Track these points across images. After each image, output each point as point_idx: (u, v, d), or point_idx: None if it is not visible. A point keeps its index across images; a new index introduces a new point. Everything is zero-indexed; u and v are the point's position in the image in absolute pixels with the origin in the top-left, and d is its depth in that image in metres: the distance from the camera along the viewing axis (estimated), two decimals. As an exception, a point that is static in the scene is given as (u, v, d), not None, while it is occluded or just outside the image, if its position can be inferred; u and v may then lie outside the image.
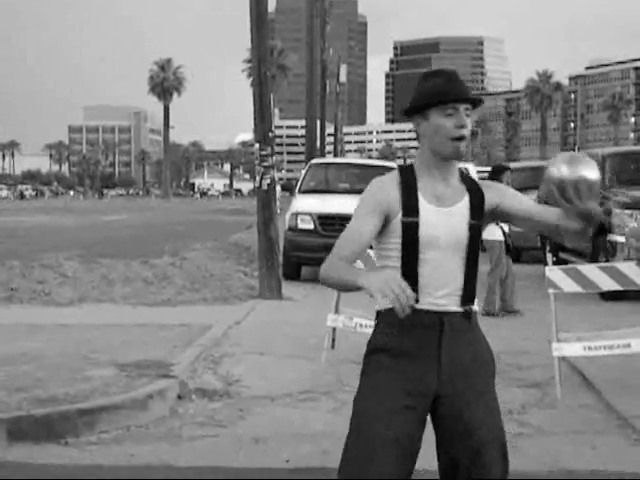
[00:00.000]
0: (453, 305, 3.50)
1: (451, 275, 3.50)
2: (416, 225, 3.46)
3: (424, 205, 3.48)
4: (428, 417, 3.54)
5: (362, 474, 3.37)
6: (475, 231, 3.52)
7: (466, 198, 3.54)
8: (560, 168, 3.49)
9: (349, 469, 3.43)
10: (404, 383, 3.44)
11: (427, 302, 3.47)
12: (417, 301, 3.39)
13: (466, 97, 3.50)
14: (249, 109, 14.69)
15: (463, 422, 3.45)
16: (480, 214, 3.54)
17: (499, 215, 3.64)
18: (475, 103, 3.55)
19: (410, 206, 3.47)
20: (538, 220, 3.60)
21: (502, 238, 12.74)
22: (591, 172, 3.46)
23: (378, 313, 3.60)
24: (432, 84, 3.54)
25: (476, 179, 3.65)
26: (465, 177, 3.63)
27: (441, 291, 3.48)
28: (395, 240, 3.50)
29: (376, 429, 3.42)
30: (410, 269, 3.47)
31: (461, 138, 3.48)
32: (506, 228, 12.72)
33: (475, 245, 3.53)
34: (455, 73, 3.59)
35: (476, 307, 3.59)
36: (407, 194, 3.49)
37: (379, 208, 3.50)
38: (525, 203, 3.63)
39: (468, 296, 3.53)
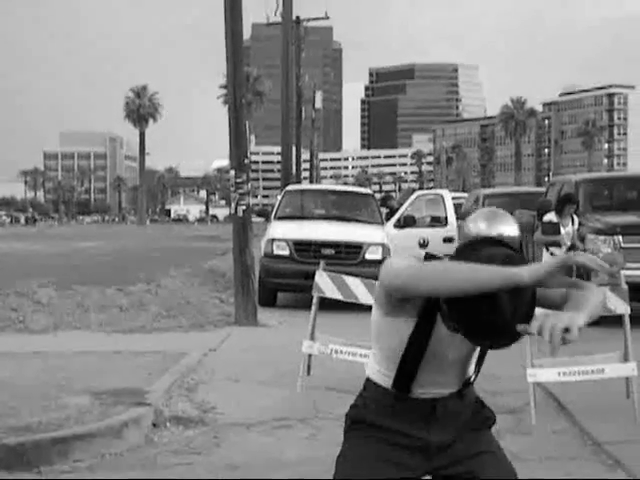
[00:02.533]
0: (448, 391, 3.36)
1: (452, 372, 3.35)
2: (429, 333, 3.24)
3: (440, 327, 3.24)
4: None
5: None
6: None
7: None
8: (478, 225, 3.35)
9: None
10: (391, 456, 3.33)
11: (420, 392, 3.34)
12: (410, 392, 3.30)
13: None
14: (225, 135, 14.72)
15: (470, 475, 3.34)
16: None
17: None
18: None
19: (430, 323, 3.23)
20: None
21: None
22: (510, 228, 3.33)
23: (367, 380, 3.47)
24: None
25: None
26: None
27: (436, 384, 3.34)
28: (407, 323, 3.25)
29: None
30: (409, 366, 3.28)
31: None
32: None
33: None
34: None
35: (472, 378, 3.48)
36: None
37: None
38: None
39: (468, 381, 3.42)
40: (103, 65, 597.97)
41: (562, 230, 12.50)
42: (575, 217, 12.96)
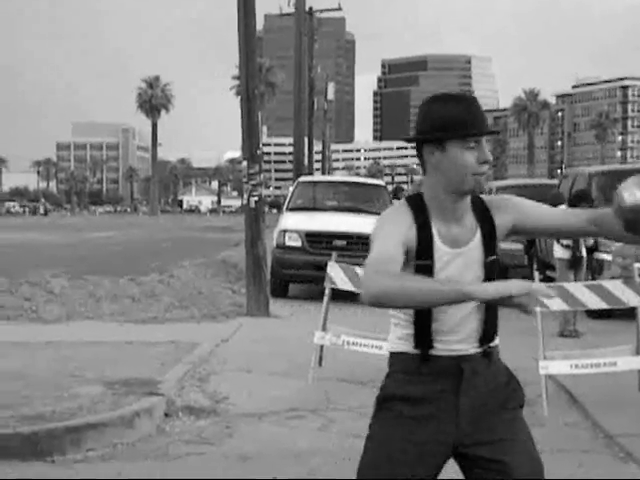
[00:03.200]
0: (471, 348, 3.27)
1: (468, 318, 3.25)
2: (430, 269, 3.19)
3: (439, 246, 3.22)
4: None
5: None
6: (490, 267, 3.27)
7: (478, 234, 3.26)
8: (635, 194, 3.12)
9: None
10: (418, 433, 3.25)
11: (443, 348, 3.24)
12: (432, 347, 3.24)
13: (492, 130, 3.25)
14: (237, 126, 14.73)
15: (497, 463, 3.24)
16: (494, 246, 3.28)
17: (520, 232, 3.38)
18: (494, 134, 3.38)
19: (425, 248, 3.20)
20: (564, 230, 3.36)
21: (566, 255, 12.46)
22: None
23: (391, 356, 3.40)
24: (452, 111, 3.14)
25: (487, 200, 3.34)
26: (476, 203, 3.31)
27: (457, 335, 3.25)
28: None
29: None
30: (424, 314, 3.22)
31: (483, 173, 3.19)
32: (565, 241, 12.29)
33: (490, 254, 3.27)
34: (476, 100, 3.25)
35: (497, 342, 3.38)
36: (422, 234, 3.21)
37: (404, 241, 3.18)
38: (546, 215, 3.33)
39: (488, 336, 3.31)
40: (116, 57, 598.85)
41: None
42: None
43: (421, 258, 3.20)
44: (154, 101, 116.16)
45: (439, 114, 3.16)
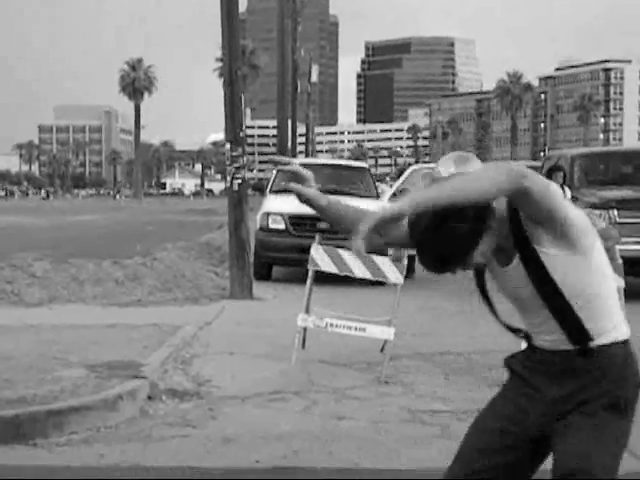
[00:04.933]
0: (561, 340, 3.28)
1: (544, 316, 3.29)
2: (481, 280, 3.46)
3: (488, 272, 3.44)
4: None
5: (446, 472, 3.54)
6: (541, 282, 3.21)
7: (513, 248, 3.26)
8: (449, 168, 3.47)
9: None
10: (516, 408, 3.39)
11: (538, 341, 3.37)
12: (529, 337, 3.42)
13: None
14: (220, 109, 14.67)
15: (556, 453, 3.27)
16: (535, 259, 3.19)
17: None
18: None
19: (478, 273, 3.47)
20: None
21: None
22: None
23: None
24: None
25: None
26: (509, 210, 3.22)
27: (546, 335, 3.33)
28: None
29: (470, 439, 3.47)
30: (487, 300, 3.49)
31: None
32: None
33: (550, 295, 3.21)
34: None
35: (600, 341, 3.25)
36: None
37: None
38: None
39: (575, 333, 3.25)
40: (98, 38, 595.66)
41: None
42: (567, 189, 12.96)
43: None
44: (137, 84, 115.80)
45: None
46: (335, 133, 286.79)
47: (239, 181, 14.43)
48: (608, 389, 3.25)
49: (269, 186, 18.93)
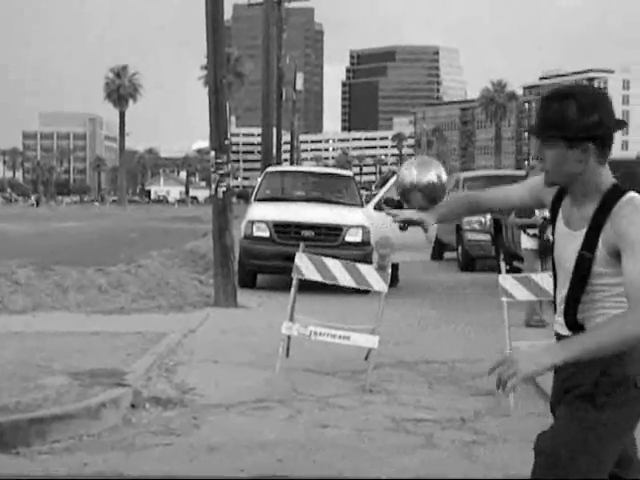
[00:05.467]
0: (562, 327, 3.59)
1: (562, 298, 3.57)
2: (552, 243, 3.64)
3: (559, 222, 3.58)
4: None
5: None
6: (583, 262, 3.40)
7: (586, 226, 3.42)
8: (412, 172, 3.66)
9: None
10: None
11: (556, 325, 3.66)
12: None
13: (530, 129, 3.59)
14: (205, 116, 14.66)
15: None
16: (593, 246, 3.37)
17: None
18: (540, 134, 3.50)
19: (552, 220, 3.63)
20: None
21: (534, 245, 12.55)
22: (440, 175, 3.70)
23: None
24: None
25: (620, 205, 3.35)
26: (607, 201, 3.39)
27: (558, 313, 3.63)
28: None
29: None
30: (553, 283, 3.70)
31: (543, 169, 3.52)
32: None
33: (581, 275, 3.42)
34: (546, 100, 3.50)
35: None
36: (555, 205, 3.61)
37: (535, 191, 3.74)
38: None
39: (572, 321, 3.52)
40: (83, 45, 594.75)
41: (536, 212, 12.50)
42: None
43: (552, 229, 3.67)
44: (122, 91, 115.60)
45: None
46: (320, 141, 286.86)
47: (224, 189, 14.42)
48: (586, 380, 3.42)
49: (254, 194, 18.92)
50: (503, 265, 8.77)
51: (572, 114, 3.31)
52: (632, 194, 3.34)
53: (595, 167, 3.39)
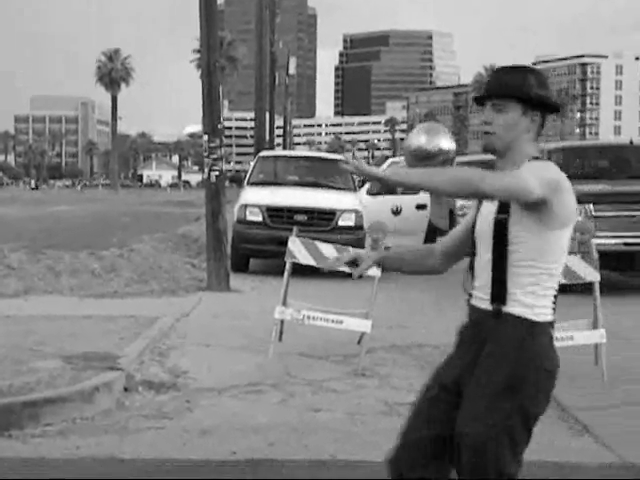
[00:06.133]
0: (483, 300, 3.61)
1: (483, 272, 3.61)
2: (475, 214, 3.70)
3: (482, 207, 3.67)
4: None
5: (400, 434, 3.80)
6: (500, 226, 3.52)
7: None
8: (420, 138, 3.64)
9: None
10: (449, 366, 3.76)
11: (473, 298, 3.69)
12: (470, 295, 3.70)
13: (477, 96, 3.67)
14: (198, 100, 14.63)
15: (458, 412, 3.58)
16: (506, 207, 3.50)
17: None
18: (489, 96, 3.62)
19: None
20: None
21: None
22: (447, 142, 3.69)
23: None
24: None
25: (540, 165, 3.51)
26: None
27: (477, 283, 3.66)
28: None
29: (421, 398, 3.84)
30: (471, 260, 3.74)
31: (485, 133, 3.61)
32: None
33: (501, 240, 3.52)
34: (501, 69, 3.70)
35: (515, 309, 3.54)
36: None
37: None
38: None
39: (497, 294, 3.56)
40: (75, 28, 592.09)
41: None
42: None
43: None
44: (114, 74, 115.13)
45: None
46: (313, 125, 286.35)
47: (216, 173, 14.40)
48: (505, 362, 3.50)
49: (246, 178, 18.90)
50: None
51: (532, 81, 3.55)
52: (547, 162, 3.53)
53: (532, 139, 3.61)
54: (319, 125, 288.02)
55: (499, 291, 3.53)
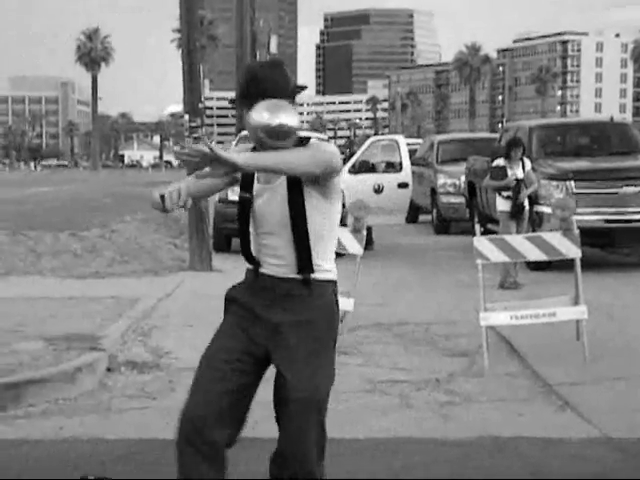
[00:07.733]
0: (286, 270, 3.83)
1: (284, 247, 3.82)
2: (249, 201, 3.88)
3: (256, 183, 3.87)
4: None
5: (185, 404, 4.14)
6: (296, 206, 3.76)
7: (282, 178, 3.77)
8: (262, 114, 3.71)
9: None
10: (242, 333, 3.95)
11: (264, 269, 3.88)
12: (260, 265, 3.90)
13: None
14: (179, 80, 14.56)
15: (281, 375, 3.89)
16: (299, 189, 3.75)
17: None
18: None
19: (246, 183, 3.91)
20: None
21: (507, 207, 12.66)
22: (290, 118, 3.73)
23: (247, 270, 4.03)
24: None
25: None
26: (297, 146, 3.78)
27: (275, 260, 3.85)
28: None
29: (205, 368, 4.04)
30: (245, 239, 3.98)
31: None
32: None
33: (299, 220, 3.77)
34: (253, 68, 3.96)
35: (319, 275, 3.85)
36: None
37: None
38: None
39: (306, 264, 3.81)
40: (55, 7, 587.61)
41: (509, 173, 12.63)
42: (526, 161, 13.01)
43: (243, 191, 3.92)
44: (94, 54, 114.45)
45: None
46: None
47: (198, 152, 14.34)
48: (322, 320, 3.87)
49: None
50: (478, 227, 8.81)
51: (287, 79, 3.85)
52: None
53: None
54: (300, 104, 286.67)
55: (305, 263, 3.84)
